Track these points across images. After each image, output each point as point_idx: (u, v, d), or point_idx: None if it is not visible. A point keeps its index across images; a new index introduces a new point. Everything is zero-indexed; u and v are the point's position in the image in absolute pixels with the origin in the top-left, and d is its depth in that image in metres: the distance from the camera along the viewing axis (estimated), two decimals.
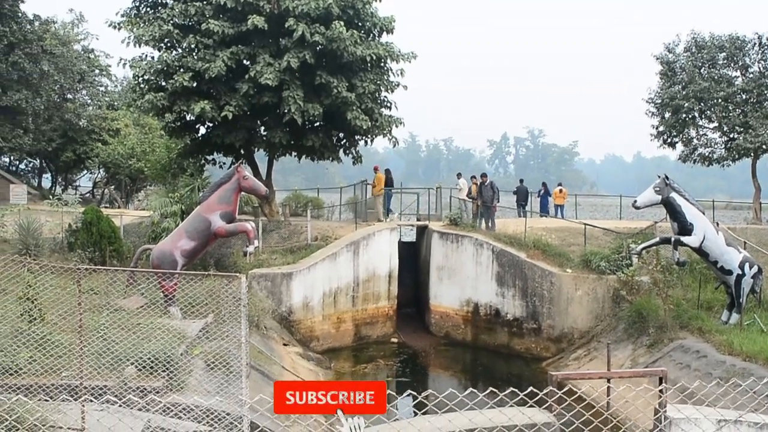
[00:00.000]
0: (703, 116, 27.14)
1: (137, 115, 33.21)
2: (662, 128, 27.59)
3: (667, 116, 27.16)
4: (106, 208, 31.53)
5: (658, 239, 14.99)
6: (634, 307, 16.01)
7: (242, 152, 21.04)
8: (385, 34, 20.00)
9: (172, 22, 18.49)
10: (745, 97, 25.85)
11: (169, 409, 7.68)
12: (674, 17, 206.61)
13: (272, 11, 18.18)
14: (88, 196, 42.54)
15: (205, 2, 18.49)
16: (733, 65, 26.41)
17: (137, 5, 19.84)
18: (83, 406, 6.91)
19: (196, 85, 18.73)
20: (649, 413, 7.28)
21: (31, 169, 43.46)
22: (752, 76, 25.88)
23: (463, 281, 20.17)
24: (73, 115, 35.45)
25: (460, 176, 25.95)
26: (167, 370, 9.08)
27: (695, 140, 27.53)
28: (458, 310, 20.37)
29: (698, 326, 14.41)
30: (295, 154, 22.02)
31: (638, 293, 16.28)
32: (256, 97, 18.54)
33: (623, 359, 15.05)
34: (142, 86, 19.60)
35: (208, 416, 8.03)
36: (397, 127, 20.96)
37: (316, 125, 20.79)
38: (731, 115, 25.93)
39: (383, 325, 20.45)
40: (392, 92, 20.70)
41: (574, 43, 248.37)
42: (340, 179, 49.83)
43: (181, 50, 19.35)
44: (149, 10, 19.70)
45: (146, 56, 19.71)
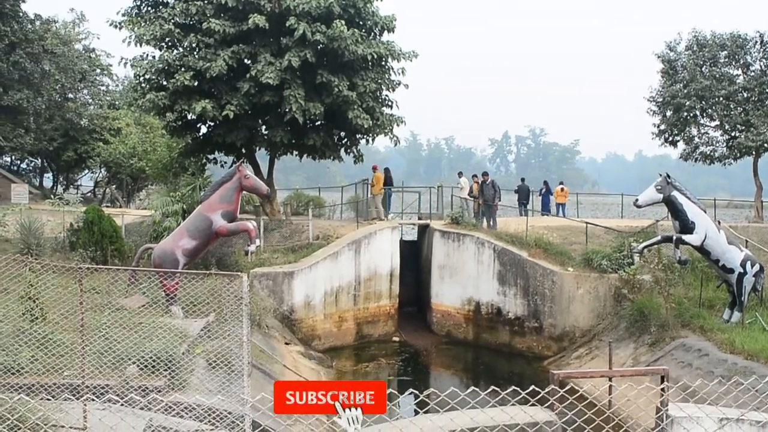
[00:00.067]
0: (704, 114, 27.10)
1: (138, 114, 33.24)
2: (663, 127, 27.55)
3: (668, 115, 27.12)
4: (107, 207, 31.63)
5: (659, 238, 14.97)
6: (635, 305, 15.98)
7: (243, 151, 21.03)
8: (386, 32, 20.01)
9: (173, 21, 18.49)
10: (746, 95, 25.81)
11: (170, 408, 7.68)
12: (674, 17, 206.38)
13: (273, 10, 18.18)
14: (89, 195, 42.58)
15: (206, 1, 18.49)
16: (734, 63, 26.37)
17: (138, 4, 19.84)
18: (85, 405, 6.92)
19: (197, 84, 18.72)
20: (650, 412, 7.28)
21: (32, 168, 43.53)
22: (754, 74, 25.83)
23: (464, 280, 20.16)
24: (74, 114, 35.47)
25: (461, 175, 25.89)
26: (169, 369, 9.08)
27: (697, 139, 27.47)
28: (460, 308, 20.36)
29: (700, 325, 14.37)
30: (296, 153, 22.01)
31: (640, 292, 16.26)
32: (257, 96, 18.55)
33: (625, 358, 15.03)
34: (143, 85, 19.63)
35: (209, 415, 8.03)
36: (398, 125, 20.96)
37: (317, 124, 20.78)
38: (733, 113, 25.87)
39: (385, 323, 20.46)
40: (393, 91, 20.74)
41: (574, 43, 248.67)
42: (341, 178, 49.75)
43: (182, 49, 19.37)
44: (150, 9, 19.71)
45: (147, 55, 19.76)
